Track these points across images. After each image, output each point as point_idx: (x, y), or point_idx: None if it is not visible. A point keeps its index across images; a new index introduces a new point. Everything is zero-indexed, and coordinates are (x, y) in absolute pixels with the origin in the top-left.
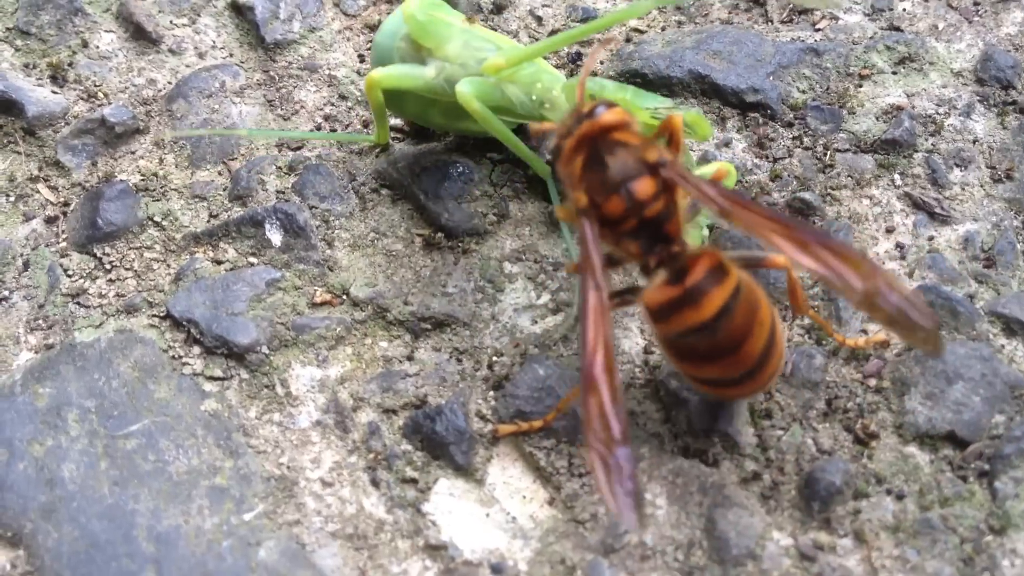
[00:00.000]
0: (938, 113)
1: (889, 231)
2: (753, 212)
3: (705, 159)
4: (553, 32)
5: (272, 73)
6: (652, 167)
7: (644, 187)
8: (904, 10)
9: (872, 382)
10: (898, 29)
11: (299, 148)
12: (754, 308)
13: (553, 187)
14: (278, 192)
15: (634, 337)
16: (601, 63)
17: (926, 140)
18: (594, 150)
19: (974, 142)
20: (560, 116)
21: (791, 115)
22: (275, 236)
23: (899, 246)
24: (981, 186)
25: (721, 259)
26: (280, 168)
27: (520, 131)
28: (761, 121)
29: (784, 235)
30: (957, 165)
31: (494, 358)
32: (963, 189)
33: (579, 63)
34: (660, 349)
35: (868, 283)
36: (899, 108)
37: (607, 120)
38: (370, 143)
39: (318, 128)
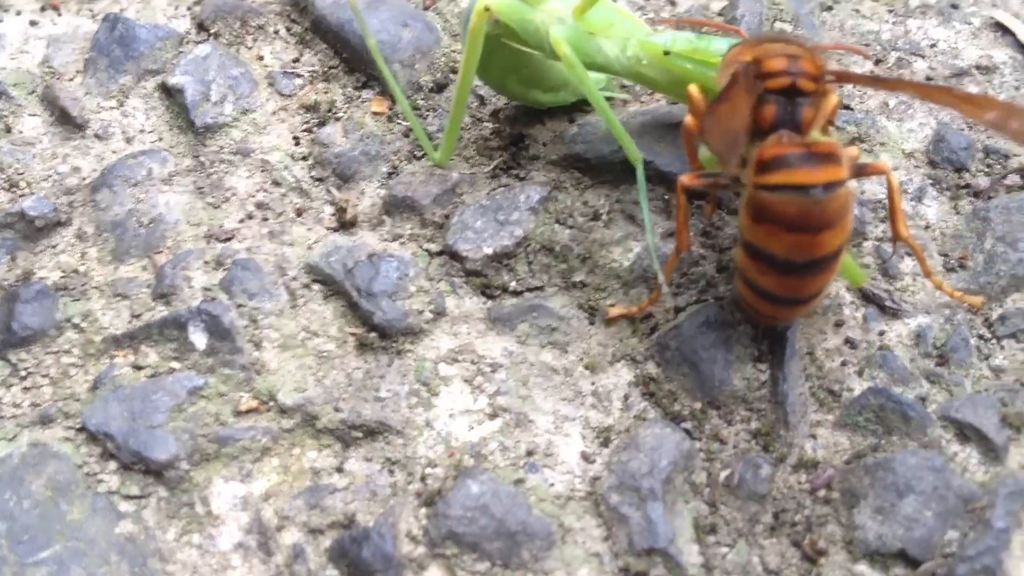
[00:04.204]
0: None
1: (838, 325)
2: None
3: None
4: None
5: (202, 158)
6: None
7: (808, 64)
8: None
9: (821, 493)
10: (848, 107)
11: (228, 240)
12: (844, 210)
13: (642, 173)
14: (204, 289)
15: (574, 444)
16: (544, 144)
17: (876, 227)
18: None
19: (926, 228)
20: (656, 74)
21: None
22: (199, 339)
23: (848, 341)
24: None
25: (839, 152)
26: (208, 263)
27: None
28: (707, 209)
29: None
30: (908, 254)
31: (427, 470)
32: (914, 280)
33: None
34: (742, 221)
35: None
36: None
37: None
38: (432, 161)
39: (250, 217)
